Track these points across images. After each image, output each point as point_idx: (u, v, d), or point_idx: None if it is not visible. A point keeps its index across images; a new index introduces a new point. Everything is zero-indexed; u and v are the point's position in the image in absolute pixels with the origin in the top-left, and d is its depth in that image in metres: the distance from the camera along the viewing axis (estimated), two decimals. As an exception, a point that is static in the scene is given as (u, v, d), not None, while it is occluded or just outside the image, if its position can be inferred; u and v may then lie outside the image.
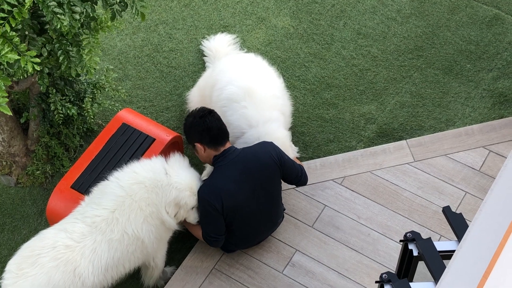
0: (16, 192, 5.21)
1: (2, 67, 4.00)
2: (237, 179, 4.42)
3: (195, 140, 4.46)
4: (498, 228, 2.50)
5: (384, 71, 5.70)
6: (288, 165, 4.56)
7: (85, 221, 4.17)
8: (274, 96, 4.84)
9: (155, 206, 4.25)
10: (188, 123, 4.50)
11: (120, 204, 4.20)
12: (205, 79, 5.22)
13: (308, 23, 5.97)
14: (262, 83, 4.86)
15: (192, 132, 4.47)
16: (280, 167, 4.51)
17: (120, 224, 4.18)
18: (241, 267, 4.74)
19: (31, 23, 4.12)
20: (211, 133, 4.41)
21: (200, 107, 4.55)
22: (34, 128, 5.08)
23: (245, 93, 4.75)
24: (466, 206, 4.94)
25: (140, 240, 4.23)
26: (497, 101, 5.51)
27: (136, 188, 4.23)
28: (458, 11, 6.02)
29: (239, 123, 4.73)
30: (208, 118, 4.44)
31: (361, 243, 4.82)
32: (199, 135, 4.43)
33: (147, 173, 4.28)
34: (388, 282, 3.50)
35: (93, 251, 4.12)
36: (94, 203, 4.24)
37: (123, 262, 4.24)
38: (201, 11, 6.05)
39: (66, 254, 4.08)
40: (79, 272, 4.09)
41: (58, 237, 4.12)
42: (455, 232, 3.69)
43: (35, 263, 4.06)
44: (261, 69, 5.00)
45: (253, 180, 4.45)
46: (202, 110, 4.50)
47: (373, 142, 5.34)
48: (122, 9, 4.19)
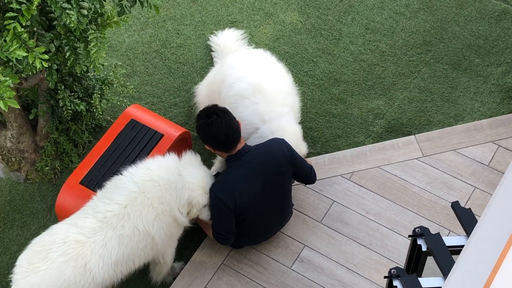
0: (25, 188, 5.23)
1: (11, 63, 4.01)
2: (250, 177, 4.42)
3: (205, 142, 4.46)
4: (507, 223, 2.49)
5: (392, 66, 5.69)
6: (298, 161, 4.56)
7: (96, 216, 4.18)
8: (284, 92, 4.84)
9: (168, 205, 4.25)
10: (197, 127, 4.47)
11: (133, 200, 4.21)
12: (214, 74, 5.22)
13: (316, 18, 5.96)
14: (272, 79, 4.86)
15: (201, 136, 4.46)
16: (291, 164, 4.51)
17: (131, 219, 4.19)
18: (250, 262, 4.74)
19: (40, 19, 4.13)
20: (219, 140, 4.37)
21: (208, 108, 4.47)
22: (43, 124, 5.09)
23: (255, 89, 4.74)
24: (475, 201, 4.93)
25: (150, 237, 4.24)
26: (506, 95, 5.50)
27: (150, 186, 4.24)
28: (466, 6, 5.99)
29: (252, 119, 4.73)
30: (215, 125, 4.34)
31: (370, 239, 4.82)
32: (208, 141, 4.43)
33: (161, 172, 4.28)
34: (397, 277, 3.50)
35: (103, 246, 4.13)
36: (107, 198, 4.25)
37: (133, 258, 4.25)
38: (208, 7, 6.05)
39: (77, 249, 4.09)
40: (89, 267, 4.10)
41: (69, 232, 4.13)
42: (464, 227, 3.68)
43: (46, 258, 4.08)
44: (270, 65, 5.00)
45: (265, 177, 4.46)
46: (210, 115, 4.39)
47: (381, 137, 5.33)
48: (131, 4, 4.19)
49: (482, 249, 2.59)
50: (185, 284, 4.65)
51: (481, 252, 2.58)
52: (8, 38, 3.77)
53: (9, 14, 3.76)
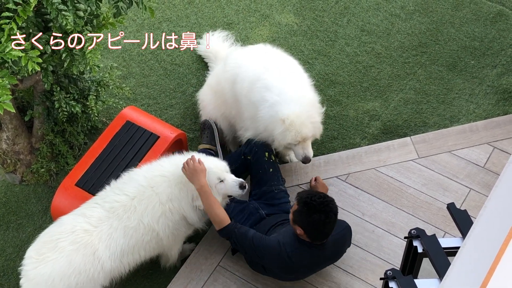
0: (20, 190, 5.22)
1: (7, 65, 4.01)
2: (313, 264, 4.40)
3: (301, 226, 4.21)
4: (503, 225, 2.49)
5: (388, 68, 5.70)
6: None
7: (104, 206, 4.21)
8: (305, 76, 4.82)
9: (178, 201, 4.25)
10: (307, 215, 4.16)
11: (141, 193, 4.24)
12: (217, 77, 5.12)
13: (311, 20, 5.97)
14: (291, 70, 4.81)
15: (305, 223, 4.19)
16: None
17: (137, 212, 4.20)
18: (246, 264, 4.74)
19: (36, 21, 4.13)
20: (322, 235, 4.24)
21: (326, 203, 4.19)
22: (39, 126, 5.09)
23: (279, 80, 4.68)
24: (470, 203, 4.94)
25: (155, 232, 4.26)
26: (502, 97, 5.51)
27: (159, 181, 4.26)
28: (462, 8, 6.00)
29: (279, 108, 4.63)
30: (330, 225, 4.18)
31: (366, 240, 4.82)
32: (308, 230, 4.21)
33: (171, 167, 4.29)
34: (393, 278, 3.50)
35: (109, 236, 4.16)
36: (118, 188, 4.29)
37: (139, 250, 4.28)
38: (204, 9, 6.05)
39: (85, 238, 4.12)
40: (98, 256, 4.13)
41: (76, 222, 4.17)
42: (460, 229, 3.69)
43: (55, 248, 4.10)
44: (281, 59, 4.93)
45: (324, 263, 4.52)
46: (328, 213, 4.16)
47: (377, 139, 5.34)
48: (127, 6, 4.19)
49: (478, 251, 2.59)
50: (180, 285, 4.65)
51: (477, 253, 2.58)
52: (4, 39, 3.77)
53: (5, 14, 3.75)
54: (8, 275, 4.87)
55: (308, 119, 4.60)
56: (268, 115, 4.60)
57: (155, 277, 4.76)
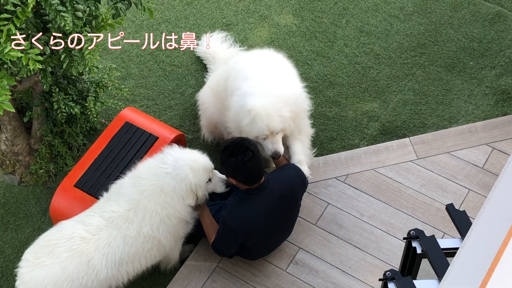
0: (19, 191, 5.22)
1: (6, 65, 4.01)
2: (269, 213, 4.43)
3: (230, 175, 4.34)
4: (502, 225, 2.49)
5: (386, 69, 5.70)
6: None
7: (103, 216, 4.21)
8: (293, 78, 4.80)
9: (172, 208, 4.24)
10: (229, 163, 4.27)
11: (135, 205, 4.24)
12: (217, 78, 5.07)
13: (310, 21, 5.97)
14: (278, 69, 4.78)
15: (229, 169, 4.31)
16: (304, 186, 4.60)
17: (135, 223, 4.20)
18: (245, 265, 4.74)
19: (34, 22, 4.13)
20: (250, 175, 4.31)
21: (239, 144, 4.29)
22: (37, 127, 5.08)
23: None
24: (469, 204, 4.94)
25: (156, 240, 4.26)
26: (500, 98, 5.51)
27: (150, 193, 4.24)
28: (460, 9, 6.01)
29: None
30: (251, 162, 4.24)
31: (364, 241, 4.82)
32: (238, 176, 4.32)
33: (154, 178, 4.24)
34: (392, 279, 3.51)
35: (107, 244, 4.15)
36: (111, 200, 4.29)
37: (139, 259, 4.27)
38: (203, 10, 6.05)
39: (81, 246, 4.12)
40: (93, 264, 4.13)
41: (75, 229, 4.17)
42: (459, 230, 3.69)
43: (51, 253, 4.11)
44: (275, 59, 4.87)
45: (282, 208, 4.50)
46: (245, 152, 4.24)
47: (376, 139, 5.34)
48: (127, 7, 4.19)
49: (476, 251, 2.59)
50: (179, 286, 4.65)
51: (475, 254, 2.58)
52: (2, 40, 3.76)
53: (4, 16, 3.75)
54: (7, 276, 4.86)
55: (276, 112, 4.50)
56: (238, 104, 4.57)
57: (154, 278, 4.76)
